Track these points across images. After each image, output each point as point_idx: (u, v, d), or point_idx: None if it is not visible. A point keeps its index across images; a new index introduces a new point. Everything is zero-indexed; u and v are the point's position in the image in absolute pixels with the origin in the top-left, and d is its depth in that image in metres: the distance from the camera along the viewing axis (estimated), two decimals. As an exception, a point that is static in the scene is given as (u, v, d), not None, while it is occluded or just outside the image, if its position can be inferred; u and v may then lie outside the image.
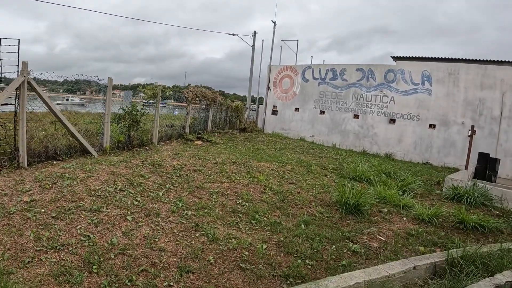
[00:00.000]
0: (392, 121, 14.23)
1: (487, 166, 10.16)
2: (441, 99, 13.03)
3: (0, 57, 5.50)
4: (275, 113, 17.77)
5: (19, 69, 5.76)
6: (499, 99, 11.96)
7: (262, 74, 21.12)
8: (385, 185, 7.14)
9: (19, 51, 5.73)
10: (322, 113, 16.14)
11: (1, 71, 5.60)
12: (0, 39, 5.40)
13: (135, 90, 15.94)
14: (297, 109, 16.98)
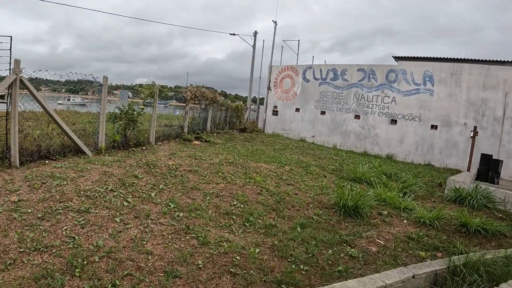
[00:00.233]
0: (393, 121, 14.05)
1: (490, 167, 9.99)
2: (443, 100, 12.84)
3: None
4: (275, 113, 17.61)
5: (11, 67, 5.66)
6: (502, 100, 11.76)
7: (263, 74, 20.98)
8: (385, 186, 6.97)
9: (11, 49, 5.62)
10: (323, 113, 15.97)
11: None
12: (-10, 37, 5.28)
13: (136, 90, 15.85)
14: (297, 110, 16.82)
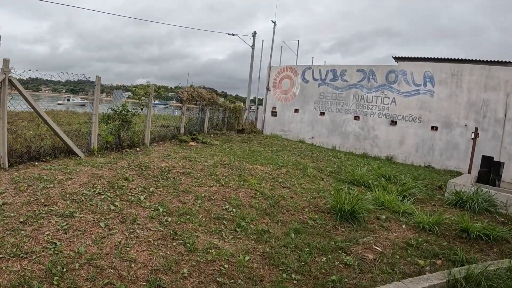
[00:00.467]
0: (393, 122, 13.86)
1: (491, 169, 9.79)
2: (444, 101, 12.65)
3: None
4: (274, 114, 17.44)
5: (0, 66, 5.52)
6: (503, 101, 11.57)
7: (262, 75, 20.82)
8: (384, 189, 6.79)
9: (-1, 48, 5.50)
10: (322, 114, 15.79)
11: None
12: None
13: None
14: (296, 111, 16.64)
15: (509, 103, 11.46)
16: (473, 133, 10.81)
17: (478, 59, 12.99)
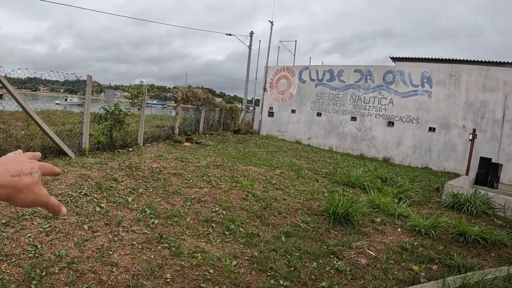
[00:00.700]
0: (390, 123, 13.76)
1: (489, 171, 9.68)
2: (442, 102, 12.55)
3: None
4: (271, 114, 17.32)
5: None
6: (501, 102, 11.48)
7: (259, 75, 20.72)
8: (379, 191, 6.66)
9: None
10: (319, 115, 15.68)
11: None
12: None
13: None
14: (293, 111, 16.53)
15: (508, 104, 11.37)
16: (471, 134, 10.71)
17: (476, 60, 12.91)
